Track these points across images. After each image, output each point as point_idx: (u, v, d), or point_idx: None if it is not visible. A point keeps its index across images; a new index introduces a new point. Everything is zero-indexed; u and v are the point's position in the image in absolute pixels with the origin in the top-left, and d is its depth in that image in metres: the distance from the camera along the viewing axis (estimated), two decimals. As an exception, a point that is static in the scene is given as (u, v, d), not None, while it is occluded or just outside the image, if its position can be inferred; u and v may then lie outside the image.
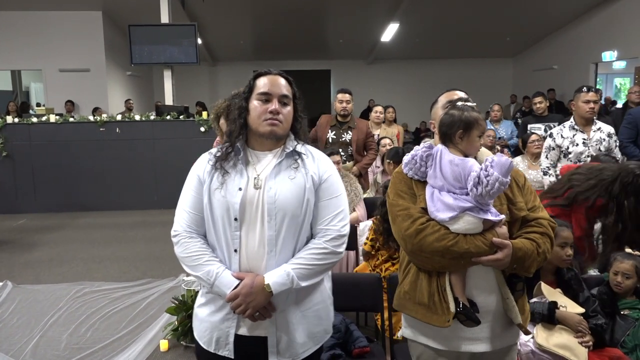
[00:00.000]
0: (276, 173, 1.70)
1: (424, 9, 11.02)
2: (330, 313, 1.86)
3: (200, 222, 1.74)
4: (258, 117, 1.70)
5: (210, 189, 1.71)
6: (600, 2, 10.78)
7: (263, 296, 1.64)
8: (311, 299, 1.76)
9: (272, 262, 1.68)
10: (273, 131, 1.70)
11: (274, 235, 1.67)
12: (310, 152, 1.79)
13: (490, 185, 1.60)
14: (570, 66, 12.17)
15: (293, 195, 1.68)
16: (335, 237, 1.72)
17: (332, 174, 1.78)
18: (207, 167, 1.74)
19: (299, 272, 1.66)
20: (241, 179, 1.69)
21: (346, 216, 1.76)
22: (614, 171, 2.90)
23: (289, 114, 1.74)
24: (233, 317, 1.70)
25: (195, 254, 1.70)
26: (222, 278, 1.66)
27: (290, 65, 14.85)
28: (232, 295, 1.64)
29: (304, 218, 1.71)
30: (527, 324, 1.78)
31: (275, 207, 1.66)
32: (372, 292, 2.69)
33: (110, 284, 4.41)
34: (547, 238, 1.72)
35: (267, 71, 1.77)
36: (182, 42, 8.86)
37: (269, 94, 1.71)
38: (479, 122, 1.74)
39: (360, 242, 3.71)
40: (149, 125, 7.75)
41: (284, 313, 1.71)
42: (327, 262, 1.72)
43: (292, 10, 11.02)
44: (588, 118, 4.03)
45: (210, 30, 12.14)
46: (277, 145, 1.75)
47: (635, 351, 2.38)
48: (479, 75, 13.77)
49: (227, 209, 1.67)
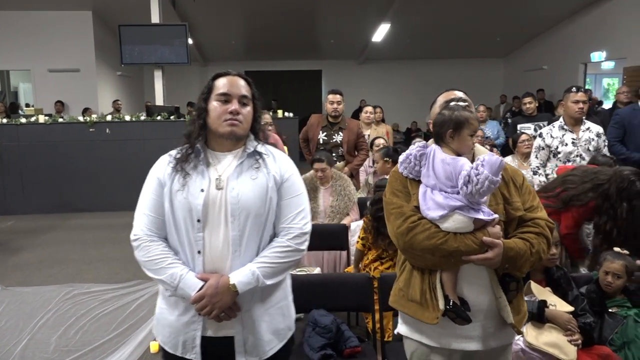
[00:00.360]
0: (238, 173, 1.71)
1: (415, 9, 11.05)
2: (292, 309, 1.88)
3: (161, 224, 1.73)
4: (218, 118, 1.70)
5: (171, 191, 1.70)
6: (589, 3, 10.87)
7: (229, 296, 1.65)
8: (275, 296, 1.78)
9: (236, 262, 1.69)
10: (233, 131, 1.70)
11: (238, 236, 1.68)
12: (270, 152, 1.81)
13: (480, 183, 1.61)
14: (559, 66, 12.26)
15: (256, 195, 1.69)
16: (298, 234, 1.75)
17: (292, 173, 1.80)
18: (167, 169, 1.73)
19: (264, 270, 1.68)
20: (203, 180, 1.69)
21: (307, 214, 1.79)
22: (609, 175, 2.96)
23: (248, 114, 1.75)
24: (199, 319, 1.70)
25: (157, 258, 1.69)
26: (186, 280, 1.66)
27: (282, 66, 14.89)
28: (197, 296, 1.64)
29: (267, 217, 1.73)
30: (522, 324, 1.78)
31: (238, 207, 1.67)
32: (363, 292, 2.69)
33: (100, 286, 4.38)
34: (543, 238, 1.72)
35: (226, 72, 1.77)
36: (173, 42, 8.82)
37: (228, 95, 1.71)
38: (470, 121, 1.74)
39: (352, 242, 3.72)
40: (140, 126, 7.72)
41: (249, 312, 1.72)
42: (291, 260, 1.74)
43: (283, 11, 11.01)
44: (577, 118, 4.06)
45: (201, 30, 12.10)
46: (236, 146, 1.76)
47: (624, 349, 2.40)
48: (470, 76, 13.83)
49: (189, 210, 1.67)
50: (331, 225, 3.82)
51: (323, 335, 2.55)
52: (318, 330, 2.57)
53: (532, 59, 13.64)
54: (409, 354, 1.89)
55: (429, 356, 1.81)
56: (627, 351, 2.39)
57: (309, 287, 2.74)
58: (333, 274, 3.65)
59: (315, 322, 2.60)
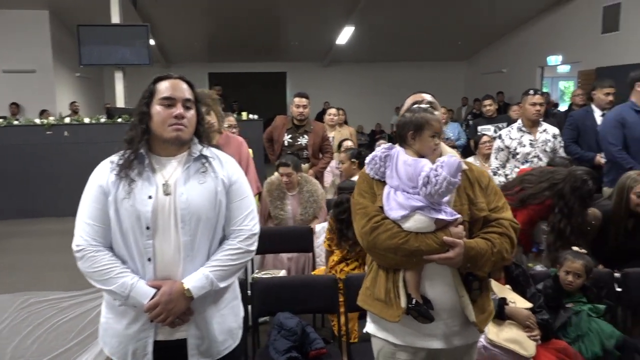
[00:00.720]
0: (186, 179, 1.69)
1: (379, 13, 11.16)
2: (242, 308, 1.90)
3: (105, 233, 1.68)
4: (162, 123, 1.67)
5: (116, 199, 1.66)
6: (545, 8, 11.21)
7: (184, 302, 1.64)
8: (225, 297, 1.79)
9: (188, 267, 1.67)
10: (179, 136, 1.68)
11: (189, 241, 1.67)
12: (216, 155, 1.80)
13: (439, 184, 1.65)
14: (518, 70, 12.59)
15: (205, 199, 1.69)
16: (249, 236, 1.76)
17: (240, 176, 1.81)
18: (110, 176, 1.68)
19: (217, 273, 1.68)
20: (150, 186, 1.66)
21: (255, 216, 1.81)
22: (564, 175, 3.09)
23: (192, 117, 1.73)
24: (150, 326, 1.68)
25: (104, 268, 1.64)
26: (138, 289, 1.63)
27: (246, 67, 14.79)
28: (151, 304, 1.62)
29: (217, 221, 1.73)
30: (486, 323, 1.81)
31: (189, 212, 1.66)
32: (328, 294, 2.70)
33: (59, 293, 4.24)
34: (506, 238, 1.75)
35: (167, 75, 1.74)
36: (134, 43, 8.64)
37: (172, 99, 1.69)
38: (430, 122, 1.77)
39: (317, 243, 3.73)
40: (100, 128, 7.52)
41: (202, 314, 1.72)
42: (242, 261, 1.76)
43: (246, 12, 10.94)
44: (534, 120, 4.19)
45: (163, 31, 11.91)
46: (181, 150, 1.74)
47: (578, 341, 2.49)
48: (433, 78, 14.04)
49: (137, 218, 1.63)
50: (296, 228, 3.82)
51: (288, 338, 2.54)
52: (283, 333, 2.56)
53: (492, 62, 13.98)
54: (375, 352, 1.91)
55: (394, 354, 1.83)
56: (580, 344, 2.48)
57: (274, 290, 2.74)
58: (298, 276, 3.65)
59: (280, 325, 2.59)
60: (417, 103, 1.91)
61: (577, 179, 3.03)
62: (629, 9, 9.00)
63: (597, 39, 9.76)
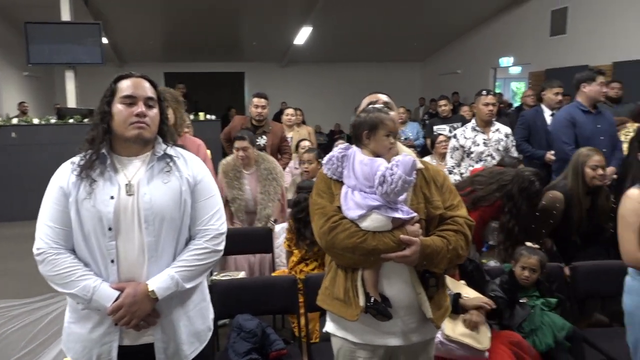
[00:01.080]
0: (149, 178, 1.67)
1: (337, 13, 11.23)
2: (211, 310, 1.88)
3: (67, 236, 1.64)
4: (124, 122, 1.65)
5: (77, 200, 1.62)
6: (497, 11, 11.55)
7: (148, 304, 1.61)
8: (193, 298, 1.77)
9: (153, 269, 1.65)
10: (140, 134, 1.65)
11: (153, 241, 1.64)
12: (181, 154, 1.78)
13: (395, 183, 1.67)
14: (472, 71, 12.93)
15: (169, 199, 1.66)
16: (215, 235, 1.74)
17: (205, 174, 1.79)
18: (71, 177, 1.65)
19: (182, 274, 1.66)
20: (112, 186, 1.63)
21: (223, 215, 1.79)
22: (512, 176, 3.19)
23: (155, 116, 1.71)
24: (115, 330, 1.64)
25: (66, 271, 1.61)
26: (101, 291, 1.59)
27: (203, 67, 14.58)
28: (114, 307, 1.59)
29: (182, 221, 1.70)
30: (443, 319, 1.84)
31: (152, 212, 1.63)
32: (288, 294, 2.70)
33: (8, 301, 4.08)
34: (461, 235, 1.79)
35: (129, 74, 1.72)
36: (86, 41, 8.37)
37: (133, 97, 1.66)
38: (385, 122, 1.80)
39: (277, 244, 3.71)
40: (50, 129, 7.29)
41: (168, 316, 1.69)
42: (209, 261, 1.73)
43: (203, 10, 10.79)
44: (487, 120, 4.31)
45: (116, 29, 11.59)
46: (144, 150, 1.71)
47: (532, 335, 2.57)
48: (390, 79, 14.24)
49: (99, 219, 1.61)
50: (255, 229, 3.79)
51: (248, 340, 2.52)
52: (243, 335, 2.54)
53: (447, 63, 14.28)
54: (335, 351, 1.92)
55: (354, 353, 1.85)
56: (534, 337, 2.57)
57: (233, 292, 2.71)
58: (257, 277, 3.63)
59: (240, 327, 2.57)
60: (372, 103, 1.94)
61: (525, 180, 3.13)
62: (576, 12, 9.37)
63: (546, 41, 10.13)
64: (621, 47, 8.29)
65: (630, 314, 2.18)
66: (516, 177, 3.17)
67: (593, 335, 2.76)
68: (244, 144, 3.84)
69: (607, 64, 8.20)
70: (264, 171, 3.92)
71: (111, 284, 1.62)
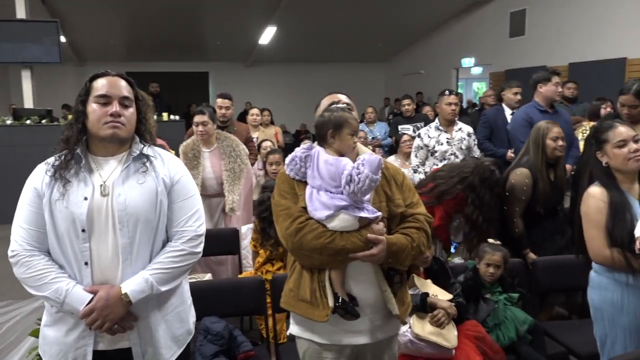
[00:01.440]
0: (124, 179, 1.64)
1: (301, 13, 11.23)
2: (191, 314, 1.85)
3: (41, 238, 1.62)
4: (98, 121, 1.62)
5: (50, 201, 1.60)
6: (458, 12, 11.76)
7: (121, 307, 1.58)
8: (171, 302, 1.74)
9: (128, 271, 1.62)
10: (115, 134, 1.63)
11: (127, 243, 1.61)
12: (158, 154, 1.75)
13: (362, 182, 1.68)
14: (435, 71, 13.14)
15: (144, 200, 1.64)
16: (192, 237, 1.72)
17: (183, 174, 1.76)
18: (45, 178, 1.62)
19: (157, 277, 1.63)
20: (86, 187, 1.61)
21: (201, 216, 1.77)
22: (472, 167, 3.24)
23: (131, 116, 1.68)
24: (90, 333, 1.61)
25: (39, 273, 1.58)
26: (73, 294, 1.57)
27: (166, 67, 14.33)
28: (86, 310, 1.56)
29: (159, 222, 1.68)
30: (406, 315, 1.88)
31: (126, 213, 1.61)
32: (255, 296, 2.68)
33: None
34: (423, 232, 1.82)
35: (105, 72, 1.70)
36: (43, 40, 8.11)
37: (108, 96, 1.64)
38: (349, 121, 1.81)
39: (243, 245, 3.69)
40: (6, 131, 7.04)
41: (145, 320, 1.66)
42: (186, 264, 1.71)
43: (164, 8, 10.60)
44: (450, 119, 4.39)
45: (75, 27, 11.28)
46: (121, 150, 1.69)
47: (495, 329, 2.63)
48: (355, 79, 14.33)
49: (72, 220, 1.58)
50: (221, 230, 3.75)
51: (215, 343, 2.50)
52: (210, 338, 2.52)
53: (410, 63, 14.47)
54: (301, 353, 1.91)
55: (320, 354, 1.85)
56: (498, 331, 2.63)
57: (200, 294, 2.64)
58: (224, 279, 3.59)
59: (206, 330, 2.54)
60: (334, 103, 1.95)
61: (485, 170, 3.20)
62: (533, 14, 9.65)
63: (506, 42, 10.39)
64: (576, 49, 8.59)
65: (597, 309, 2.23)
66: (476, 168, 3.24)
67: (553, 328, 2.84)
68: (203, 119, 3.69)
69: (563, 65, 8.48)
70: (227, 148, 3.79)
71: (85, 287, 1.59)
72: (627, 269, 2.06)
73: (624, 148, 2.13)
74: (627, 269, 2.07)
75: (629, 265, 2.04)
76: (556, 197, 3.27)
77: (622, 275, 2.11)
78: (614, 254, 2.08)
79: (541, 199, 3.18)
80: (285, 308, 1.89)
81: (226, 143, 3.83)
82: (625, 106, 3.21)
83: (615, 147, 2.15)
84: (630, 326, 2.12)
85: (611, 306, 2.16)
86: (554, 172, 3.25)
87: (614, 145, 2.15)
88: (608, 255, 2.09)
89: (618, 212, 2.09)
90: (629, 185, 2.16)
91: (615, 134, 2.16)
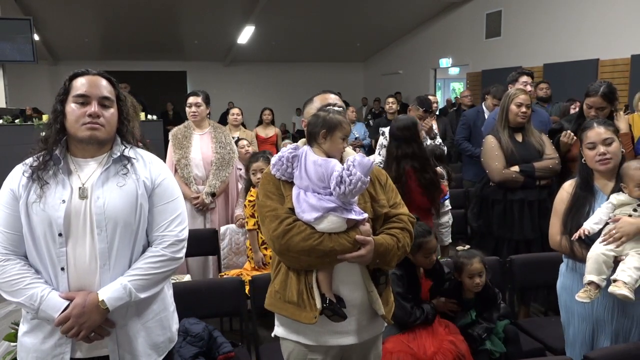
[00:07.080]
0: (103, 181, 1.60)
1: (279, 13, 11.20)
2: (173, 320, 1.81)
3: (18, 241, 1.57)
4: (76, 121, 1.58)
5: (27, 203, 1.55)
6: (436, 13, 11.89)
7: (98, 314, 1.54)
8: (152, 308, 1.69)
9: (106, 277, 1.58)
10: (93, 135, 1.58)
11: (106, 248, 1.57)
12: (141, 155, 1.71)
13: (353, 184, 1.67)
14: (413, 71, 13.25)
15: (124, 203, 1.59)
16: (174, 242, 1.67)
17: (166, 177, 1.72)
18: (22, 179, 1.57)
19: (136, 283, 1.58)
20: (64, 190, 1.56)
21: (184, 220, 1.72)
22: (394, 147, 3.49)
23: (112, 116, 1.64)
24: (67, 341, 1.57)
25: (14, 278, 1.53)
26: (49, 301, 1.53)
27: (142, 66, 14.14)
28: (61, 318, 1.52)
29: (139, 226, 1.63)
30: (391, 314, 1.89)
31: (104, 217, 1.56)
32: (235, 296, 2.67)
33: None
34: (407, 233, 1.83)
35: (85, 71, 1.65)
36: (16, 38, 7.95)
37: (86, 96, 1.59)
38: (343, 125, 1.81)
39: (222, 246, 3.66)
40: (-23, 131, 6.85)
41: (124, 327, 1.62)
42: (166, 270, 1.66)
43: (141, 6, 10.47)
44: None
45: (49, 25, 11.07)
46: (101, 151, 1.64)
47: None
48: (333, 79, 14.37)
49: (49, 224, 1.53)
50: (200, 231, 3.71)
51: (195, 344, 2.48)
52: (189, 340, 2.49)
53: (389, 63, 14.57)
54: (286, 355, 1.90)
55: (306, 356, 1.84)
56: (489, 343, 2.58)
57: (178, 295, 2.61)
58: (203, 280, 3.56)
59: (185, 332, 2.52)
60: (328, 104, 1.94)
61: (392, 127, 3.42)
62: (509, 15, 9.80)
63: (482, 43, 10.53)
64: (551, 50, 8.76)
65: (559, 296, 2.36)
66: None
67: (529, 324, 2.89)
68: (197, 100, 3.73)
69: (538, 65, 8.64)
70: (219, 135, 3.80)
71: (61, 293, 1.55)
72: (570, 255, 2.21)
73: (592, 150, 2.20)
74: (571, 255, 2.22)
75: (572, 251, 2.18)
76: (531, 157, 3.26)
77: (571, 262, 2.27)
78: (562, 240, 2.23)
79: (509, 157, 3.24)
80: (271, 310, 1.87)
81: (219, 130, 3.86)
82: (592, 108, 3.15)
83: (586, 148, 2.23)
84: (582, 313, 2.22)
85: (566, 292, 2.30)
86: (522, 137, 3.31)
87: (585, 146, 2.24)
88: (557, 241, 2.26)
89: (577, 203, 2.22)
90: (604, 182, 2.23)
91: (587, 135, 2.23)
